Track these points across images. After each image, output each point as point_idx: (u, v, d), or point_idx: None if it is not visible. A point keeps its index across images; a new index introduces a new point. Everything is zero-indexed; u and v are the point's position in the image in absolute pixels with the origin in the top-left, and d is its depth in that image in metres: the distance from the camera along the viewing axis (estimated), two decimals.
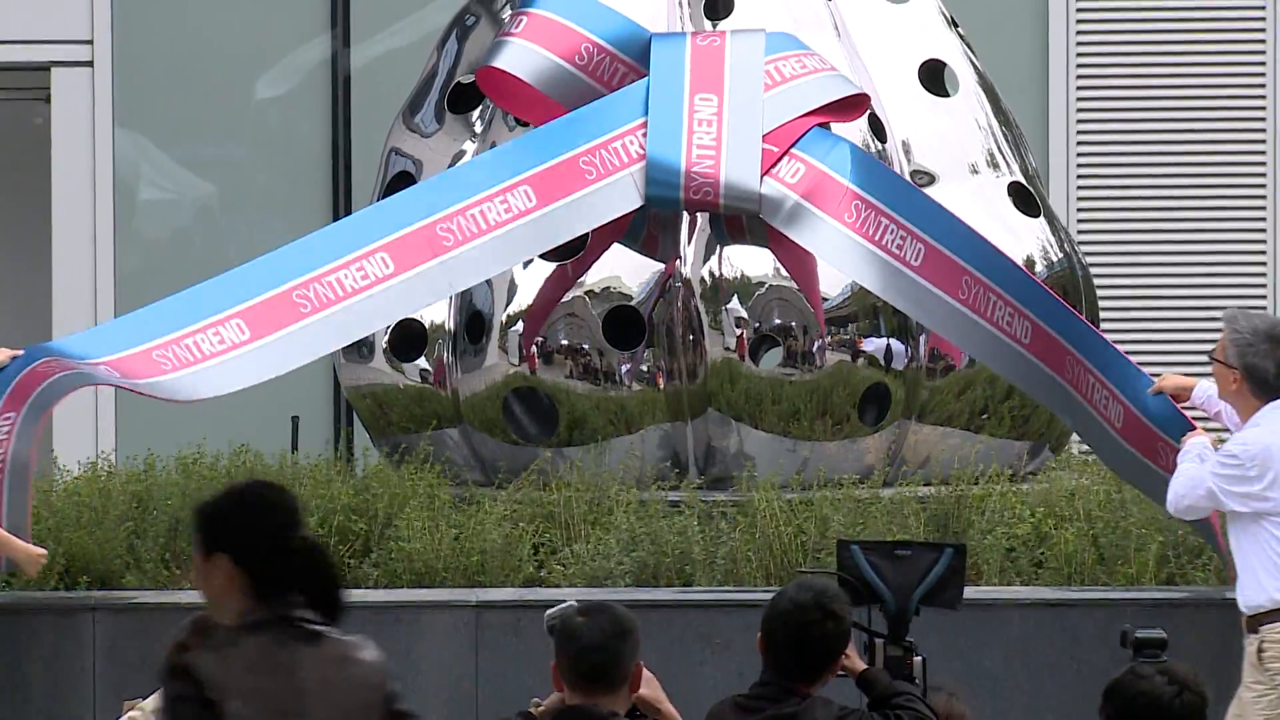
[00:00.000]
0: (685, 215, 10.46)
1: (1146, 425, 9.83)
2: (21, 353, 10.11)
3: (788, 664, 6.59)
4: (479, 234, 9.81)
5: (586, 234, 10.44)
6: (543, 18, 10.07)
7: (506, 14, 11.26)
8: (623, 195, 9.90)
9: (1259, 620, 8.79)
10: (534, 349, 10.51)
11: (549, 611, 7.35)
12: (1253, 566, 8.82)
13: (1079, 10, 16.30)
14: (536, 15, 10.08)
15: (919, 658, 6.94)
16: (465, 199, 9.90)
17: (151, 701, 7.06)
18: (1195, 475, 8.94)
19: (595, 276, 10.58)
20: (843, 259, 9.89)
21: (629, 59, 10.07)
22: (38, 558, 9.77)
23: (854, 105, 10.11)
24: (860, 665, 6.73)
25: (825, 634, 6.61)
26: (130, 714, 7.10)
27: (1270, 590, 8.75)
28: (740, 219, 10.06)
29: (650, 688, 6.89)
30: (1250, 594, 8.85)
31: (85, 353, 10.12)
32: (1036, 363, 9.85)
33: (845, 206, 9.79)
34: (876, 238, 9.75)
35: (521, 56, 10.07)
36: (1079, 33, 16.30)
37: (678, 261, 10.56)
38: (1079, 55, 16.30)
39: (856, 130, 10.66)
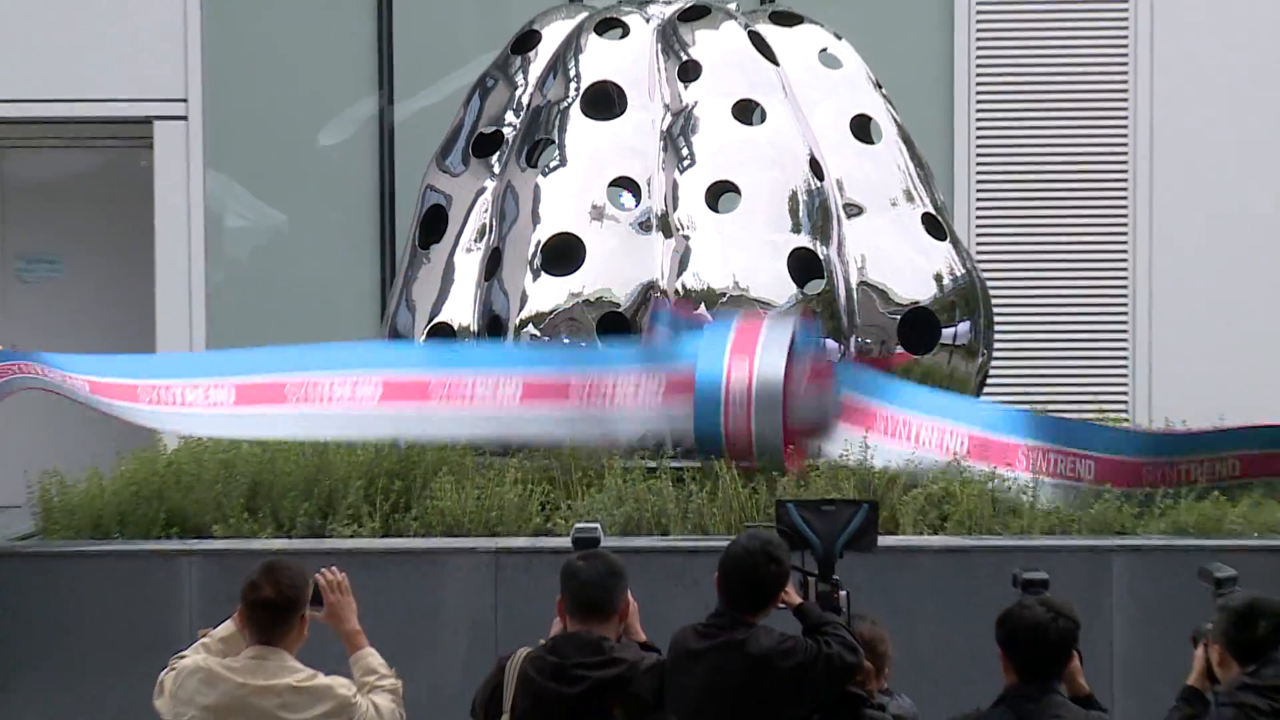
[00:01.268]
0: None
1: None
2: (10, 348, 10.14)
3: (739, 599, 6.65)
4: (461, 402, 10.02)
5: (583, 257, 10.50)
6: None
7: (520, 79, 11.29)
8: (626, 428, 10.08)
9: None
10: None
11: (577, 525, 7.45)
12: None
13: (978, 77, 16.31)
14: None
15: (843, 592, 6.96)
16: (460, 372, 10.11)
17: (221, 630, 7.09)
18: None
19: (591, 287, 10.57)
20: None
21: None
22: None
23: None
24: (797, 599, 6.78)
25: (769, 574, 6.67)
26: (202, 640, 7.12)
27: None
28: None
29: (626, 615, 6.96)
30: None
31: (71, 369, 10.17)
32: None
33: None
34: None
35: None
36: (978, 94, 16.29)
37: (658, 276, 10.55)
38: (977, 111, 16.29)
39: (799, 170, 10.70)
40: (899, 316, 10.70)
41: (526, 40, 11.50)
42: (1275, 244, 16.28)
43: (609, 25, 11.29)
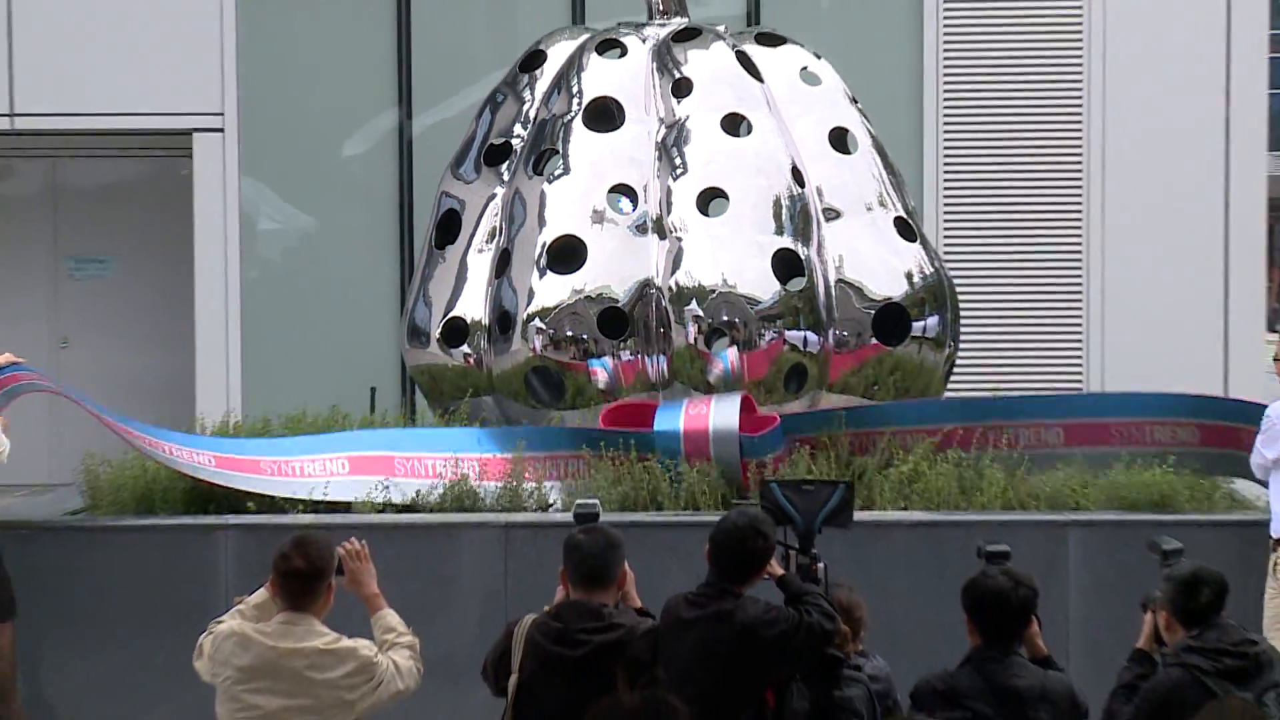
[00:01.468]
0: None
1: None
2: (20, 360, 10.17)
3: (728, 570, 6.63)
4: (419, 476, 10.16)
5: (585, 257, 10.50)
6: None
7: (528, 94, 11.27)
8: None
9: (1278, 542, 8.74)
10: (546, 339, 10.49)
11: (578, 501, 7.44)
12: (1278, 500, 8.75)
13: (945, 93, 16.31)
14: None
15: (822, 564, 6.95)
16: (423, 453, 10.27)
17: (254, 597, 7.08)
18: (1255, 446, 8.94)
19: (593, 284, 10.53)
20: None
21: None
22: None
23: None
24: (780, 571, 6.76)
25: (756, 548, 6.66)
26: (238, 607, 7.12)
27: None
28: None
29: (623, 584, 6.96)
30: (1275, 524, 8.76)
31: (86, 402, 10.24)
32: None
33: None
34: None
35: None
36: (945, 109, 16.29)
37: (654, 274, 10.54)
38: (944, 124, 16.29)
39: (782, 178, 10.68)
40: (873, 311, 10.67)
41: (533, 59, 11.48)
42: (1210, 239, 16.40)
43: (609, 45, 11.27)
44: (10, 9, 16.53)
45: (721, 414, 9.98)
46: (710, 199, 10.73)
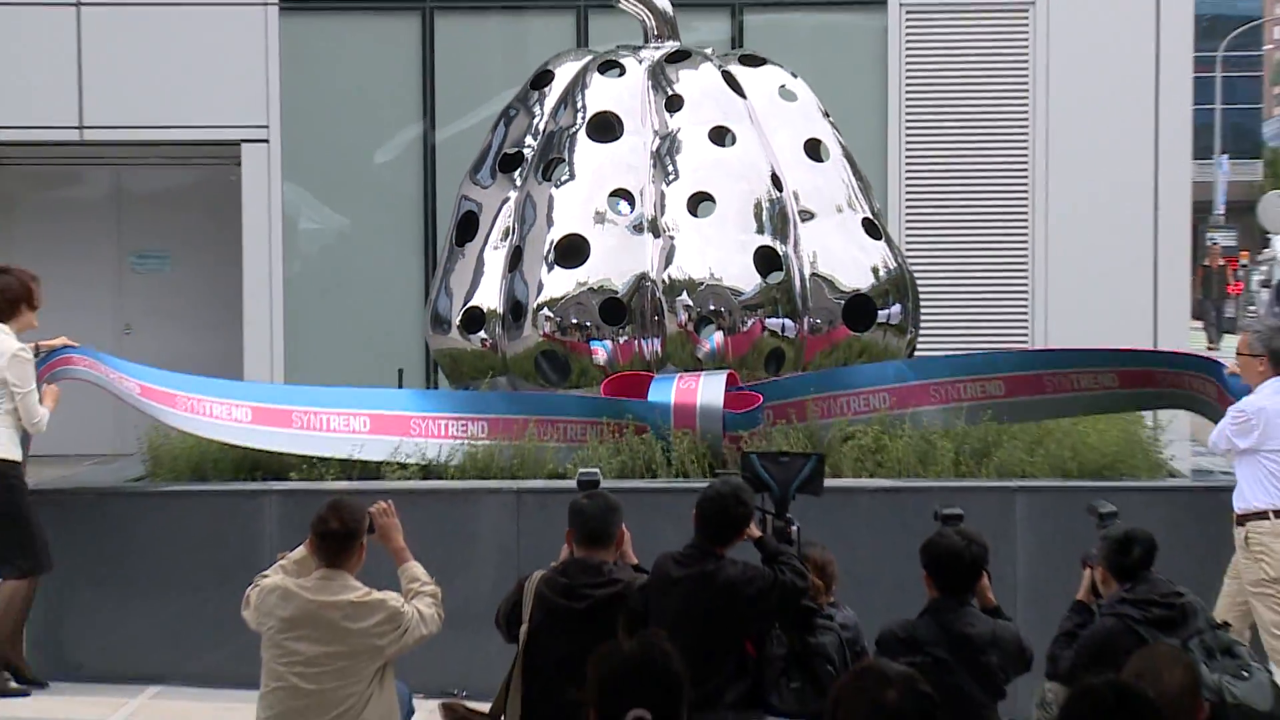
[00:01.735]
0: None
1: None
2: (74, 344, 10.18)
3: (711, 533, 6.61)
4: (433, 436, 10.04)
5: (588, 252, 10.46)
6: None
7: (537, 109, 11.23)
8: None
9: (1245, 518, 8.72)
10: (553, 325, 10.46)
11: (581, 470, 7.42)
12: (1245, 482, 8.71)
13: (906, 109, 16.33)
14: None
15: (795, 527, 6.95)
16: (436, 412, 10.19)
17: (295, 554, 7.06)
18: (1220, 428, 8.88)
19: (595, 277, 10.50)
20: None
21: None
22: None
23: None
24: (757, 533, 6.74)
25: (737, 514, 6.63)
26: (280, 563, 7.10)
27: (1251, 500, 8.65)
28: None
29: (621, 543, 6.93)
30: (1241, 501, 8.74)
31: (127, 371, 10.16)
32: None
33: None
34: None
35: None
36: (907, 123, 16.34)
37: (649, 268, 10.51)
38: (907, 136, 16.33)
39: (763, 183, 10.66)
40: (843, 301, 10.65)
41: (542, 78, 11.45)
42: (1142, 239, 16.41)
43: (609, 66, 11.24)
44: (80, 36, 16.57)
45: (709, 391, 9.95)
46: (699, 202, 10.71)
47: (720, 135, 10.86)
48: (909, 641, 6.36)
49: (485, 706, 6.95)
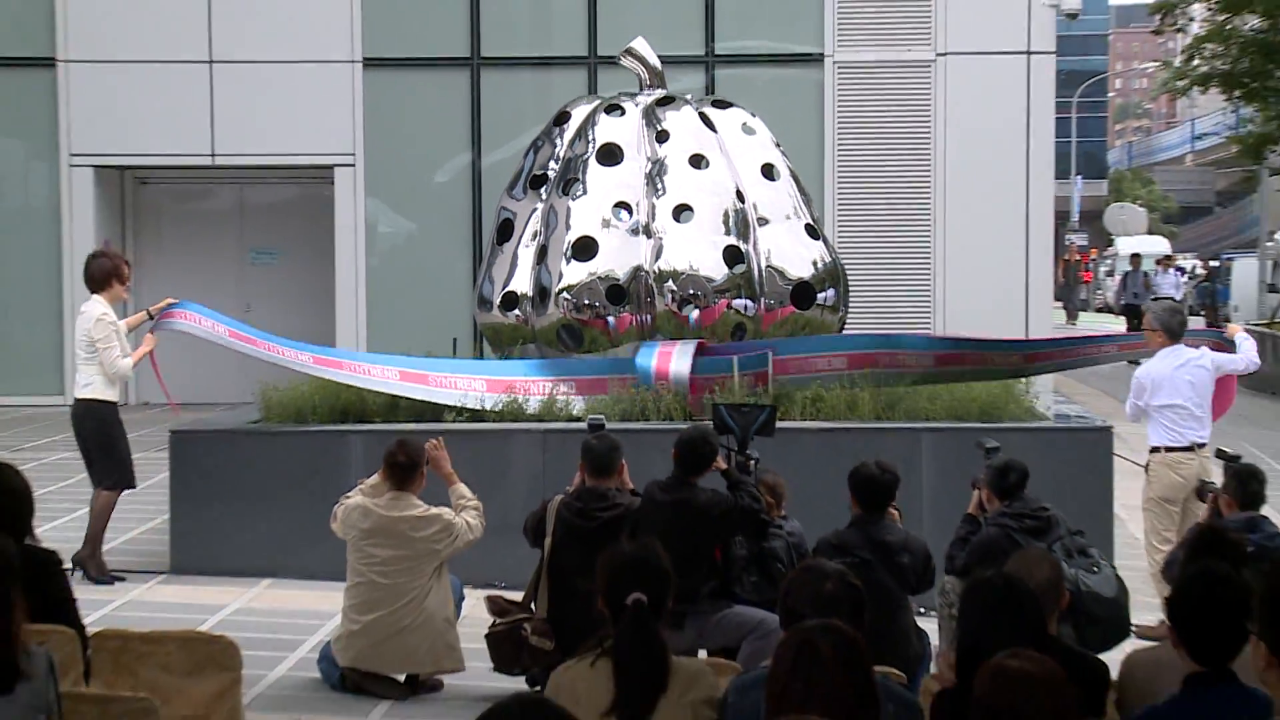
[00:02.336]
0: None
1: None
2: (175, 301, 9.62)
3: (687, 467, 6.56)
4: (531, 393, 9.85)
5: (598, 249, 10.37)
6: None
7: (558, 141, 11.08)
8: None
9: (1151, 454, 8.67)
10: (570, 306, 10.35)
11: (590, 415, 7.35)
12: (1151, 429, 8.59)
13: (839, 139, 16.29)
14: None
15: (754, 460, 6.92)
16: (533, 376, 9.98)
17: (371, 480, 7.02)
18: (1129, 400, 8.71)
19: (602, 269, 10.39)
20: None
21: None
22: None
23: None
24: (723, 466, 6.71)
25: (706, 452, 6.58)
26: (360, 486, 7.07)
27: (1151, 439, 8.59)
28: None
29: (622, 473, 6.88)
30: (1148, 442, 8.62)
31: (218, 319, 9.71)
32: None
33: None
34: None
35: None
36: (838, 150, 16.33)
37: (644, 262, 10.40)
38: (838, 160, 16.35)
39: (730, 197, 10.56)
40: (790, 287, 10.56)
41: (562, 117, 11.34)
42: (1012, 235, 16.43)
43: (613, 108, 11.14)
44: (212, 85, 16.63)
45: (679, 362, 9.85)
46: (681, 211, 10.61)
47: (698, 161, 10.77)
48: (840, 546, 6.30)
49: (518, 596, 6.91)
